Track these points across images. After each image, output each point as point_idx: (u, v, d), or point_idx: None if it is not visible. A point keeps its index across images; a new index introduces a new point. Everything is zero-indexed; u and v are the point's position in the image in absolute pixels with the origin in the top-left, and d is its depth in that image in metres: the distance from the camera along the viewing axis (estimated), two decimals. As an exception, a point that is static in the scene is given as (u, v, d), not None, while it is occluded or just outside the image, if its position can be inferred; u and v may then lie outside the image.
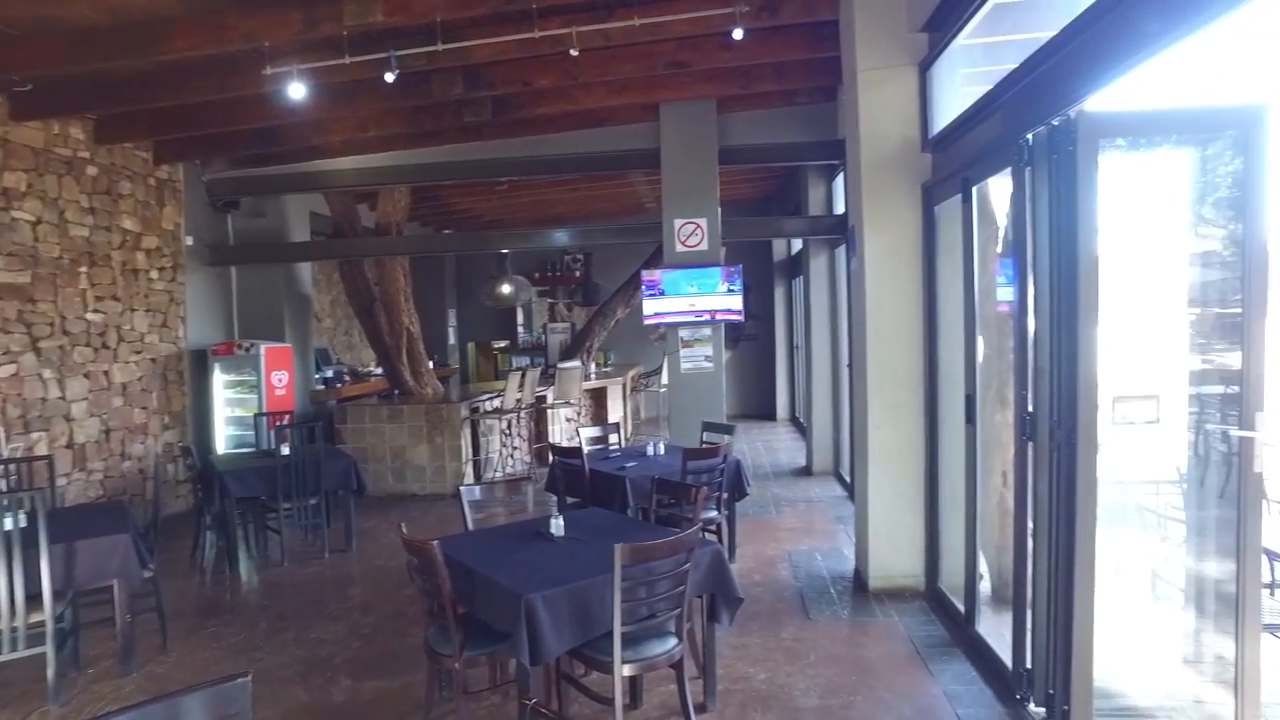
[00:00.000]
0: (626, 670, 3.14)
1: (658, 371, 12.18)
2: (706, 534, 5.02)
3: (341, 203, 9.50)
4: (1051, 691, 3.34)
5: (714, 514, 5.45)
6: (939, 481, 5.01)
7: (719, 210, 8.10)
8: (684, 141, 7.99)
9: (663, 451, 6.10)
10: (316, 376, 10.37)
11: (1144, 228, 3.71)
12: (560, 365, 10.29)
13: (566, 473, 5.79)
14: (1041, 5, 3.82)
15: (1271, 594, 4.15)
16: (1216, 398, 3.40)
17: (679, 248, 8.04)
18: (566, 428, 10.73)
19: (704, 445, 5.98)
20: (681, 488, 4.42)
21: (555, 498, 5.98)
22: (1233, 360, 3.18)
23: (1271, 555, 3.64)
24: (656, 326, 8.54)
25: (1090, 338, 3.13)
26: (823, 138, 8.06)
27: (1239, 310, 3.15)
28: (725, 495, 5.61)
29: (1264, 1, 2.20)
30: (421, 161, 8.52)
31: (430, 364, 10.32)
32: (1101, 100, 3.03)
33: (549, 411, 10.33)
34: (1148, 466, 5.13)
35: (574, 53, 5.46)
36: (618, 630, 3.04)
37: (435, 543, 3.21)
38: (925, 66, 4.93)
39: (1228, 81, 3.14)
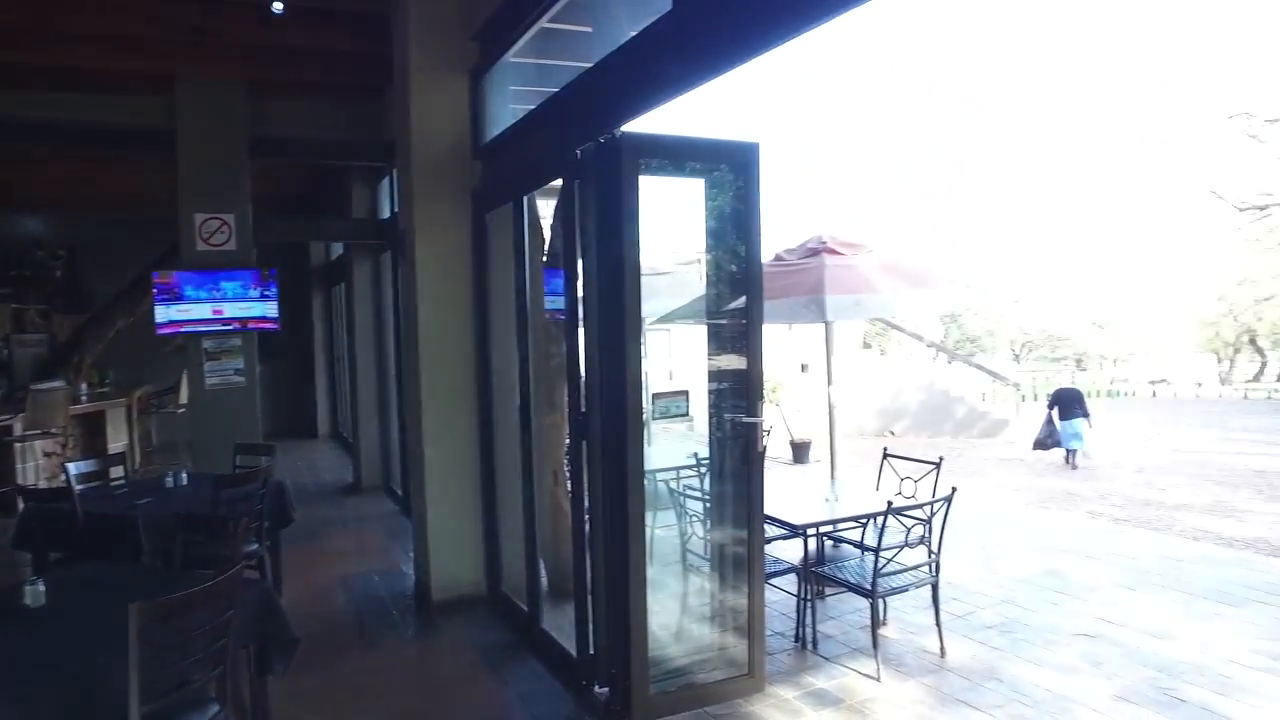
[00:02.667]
0: (152, 759, 2.50)
1: (175, 389, 10.39)
2: (248, 571, 4.35)
3: None
4: (614, 671, 3.57)
5: (254, 547, 4.77)
6: (496, 486, 5.08)
7: (250, 207, 7.22)
8: (208, 125, 6.95)
9: (185, 481, 5.17)
10: None
11: (672, 244, 4.21)
12: (35, 387, 8.16)
13: (47, 521, 4.53)
14: (595, 37, 4.09)
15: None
16: (728, 389, 3.98)
17: (201, 246, 6.96)
18: (47, 464, 8.52)
19: (239, 470, 5.22)
20: (215, 521, 3.75)
21: (30, 556, 4.66)
22: (739, 361, 3.76)
23: (770, 519, 4.40)
24: (173, 336, 7.26)
25: (635, 341, 3.42)
26: (372, 137, 7.71)
27: (744, 320, 3.74)
28: (267, 524, 4.96)
29: (770, 58, 2.61)
30: None
31: None
32: (646, 123, 3.34)
33: (17, 446, 8.10)
34: (678, 454, 5.90)
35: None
36: (135, 716, 2.40)
37: None
38: (478, 75, 4.98)
39: (743, 121, 3.73)
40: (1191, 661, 4.02)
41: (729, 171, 3.74)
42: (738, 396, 3.77)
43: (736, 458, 3.83)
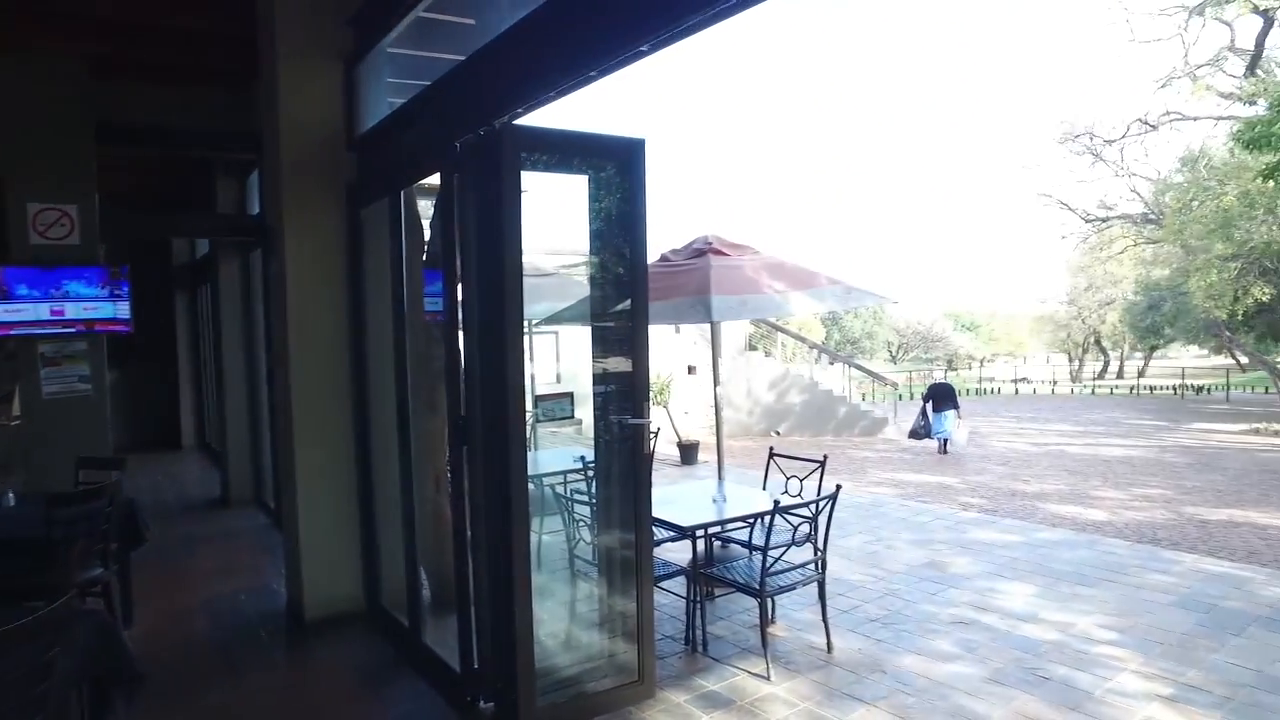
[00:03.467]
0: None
1: (7, 399, 9.42)
2: (88, 599, 3.96)
3: None
4: (500, 685, 3.42)
5: (99, 571, 4.34)
6: (374, 495, 4.82)
7: (96, 198, 6.61)
8: (42, 104, 6.30)
9: (12, 502, 4.66)
10: None
11: (559, 243, 4.10)
12: None
13: None
14: (478, 30, 3.91)
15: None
16: (613, 392, 3.91)
17: (35, 239, 6.31)
18: None
19: (82, 487, 4.74)
20: (43, 546, 3.36)
21: None
22: (625, 363, 3.69)
23: (658, 522, 4.36)
24: (1, 341, 6.56)
25: (517, 343, 3.29)
26: (239, 127, 7.21)
27: (630, 322, 3.67)
28: (115, 546, 4.52)
29: (662, 58, 2.54)
30: None
31: None
32: (535, 118, 3.22)
33: None
34: (566, 457, 5.78)
35: None
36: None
37: None
38: (353, 62, 4.72)
39: (635, 122, 3.65)
40: (1053, 641, 4.25)
41: (614, 169, 3.67)
42: (624, 398, 3.70)
43: (623, 460, 3.75)
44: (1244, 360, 33.44)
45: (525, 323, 3.43)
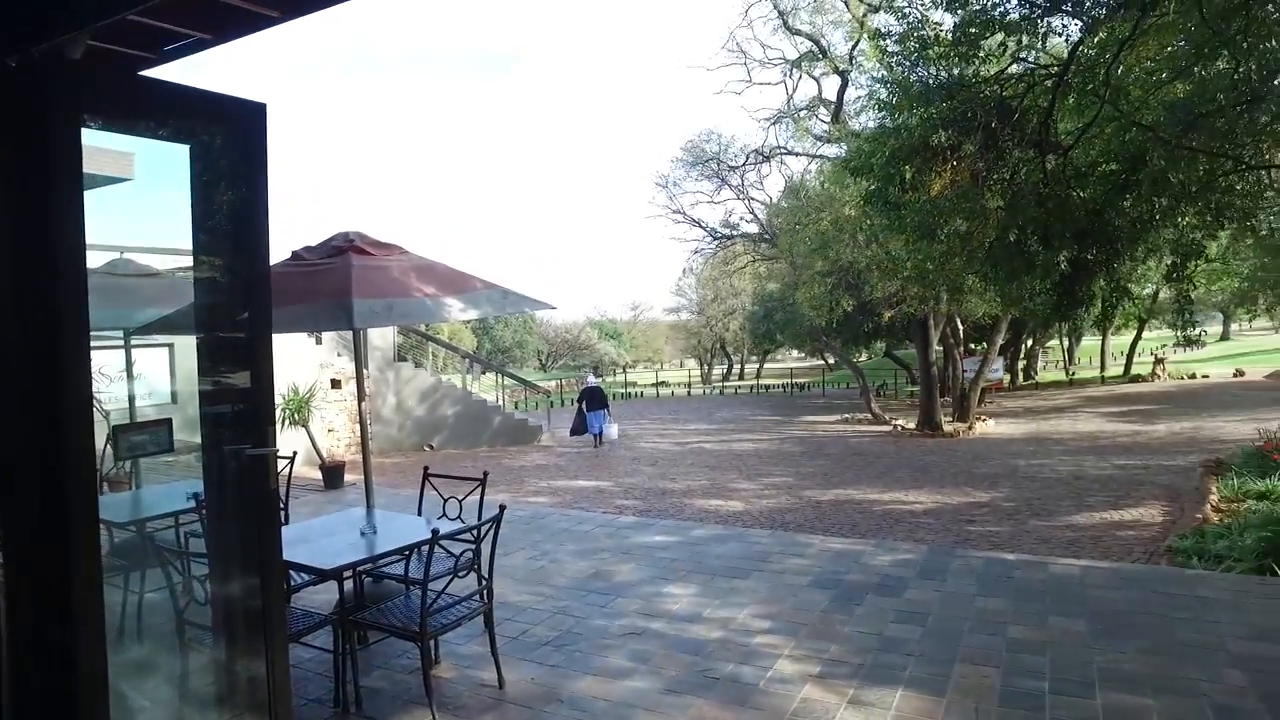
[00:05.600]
0: None
1: None
2: None
3: None
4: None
5: None
6: None
7: None
8: None
9: None
10: None
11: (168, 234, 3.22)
12: None
13: None
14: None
15: (288, 603, 4.27)
16: (229, 416, 3.17)
17: None
18: None
19: None
20: None
21: None
22: (243, 379, 3.00)
23: (293, 566, 3.67)
24: None
25: (78, 359, 2.45)
26: None
27: (247, 332, 2.99)
28: None
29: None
30: None
31: None
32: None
33: None
34: (177, 496, 4.70)
35: None
36: None
37: None
38: None
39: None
40: (718, 639, 4.38)
41: (226, 139, 2.95)
42: (243, 423, 2.99)
43: (244, 497, 3.04)
44: (832, 360, 40.11)
45: (118, 333, 2.59)
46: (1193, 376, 29.06)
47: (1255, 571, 5.64)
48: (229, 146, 2.96)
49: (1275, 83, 6.87)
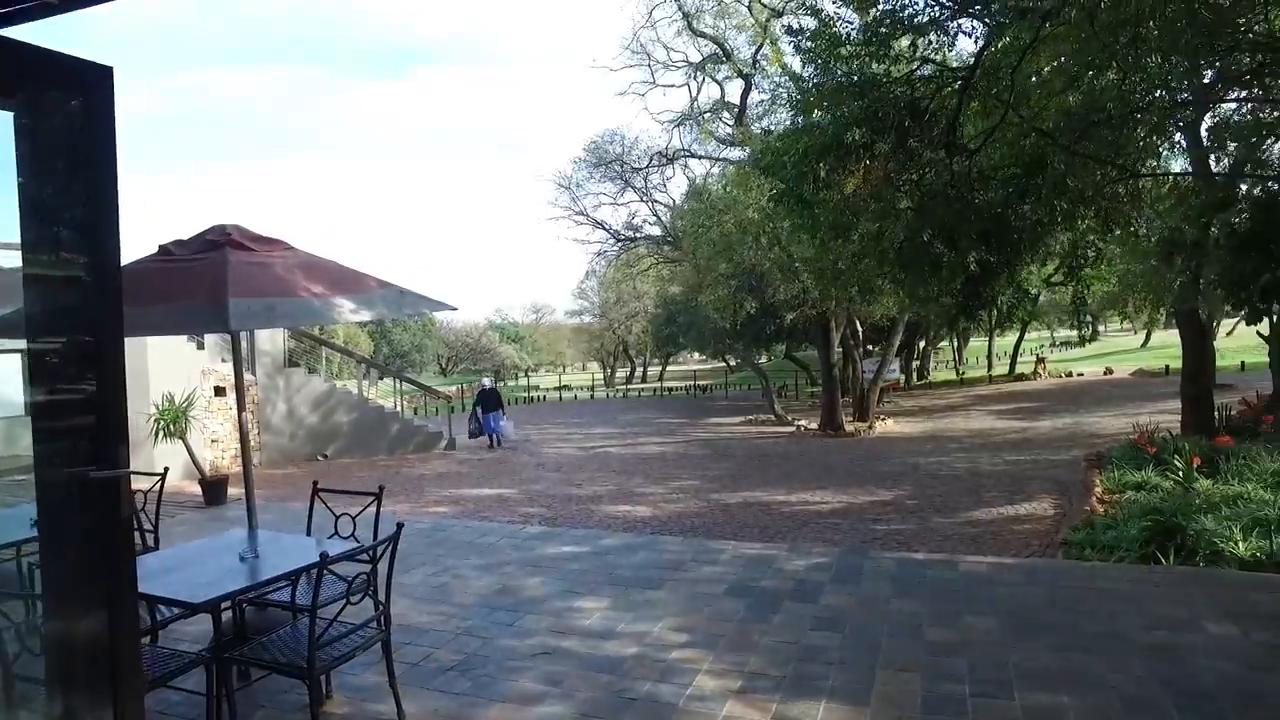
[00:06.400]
0: None
1: None
2: None
3: None
4: None
5: None
6: None
7: None
8: None
9: None
10: None
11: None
12: None
13: None
14: None
15: (154, 641, 3.80)
16: (70, 433, 2.74)
17: None
18: None
19: None
20: None
21: None
22: (88, 389, 2.57)
23: (157, 600, 3.23)
24: None
25: None
26: None
27: (90, 337, 2.57)
28: None
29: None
30: None
31: None
32: None
33: None
34: (18, 522, 4.11)
35: None
36: None
37: None
38: None
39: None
40: (634, 655, 4.14)
41: (63, 106, 2.52)
42: (90, 441, 2.57)
43: (88, 528, 2.61)
44: (734, 363, 40.63)
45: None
46: (1069, 375, 30.94)
47: (1142, 560, 5.86)
48: (68, 116, 2.53)
49: (1156, 94, 7.22)
